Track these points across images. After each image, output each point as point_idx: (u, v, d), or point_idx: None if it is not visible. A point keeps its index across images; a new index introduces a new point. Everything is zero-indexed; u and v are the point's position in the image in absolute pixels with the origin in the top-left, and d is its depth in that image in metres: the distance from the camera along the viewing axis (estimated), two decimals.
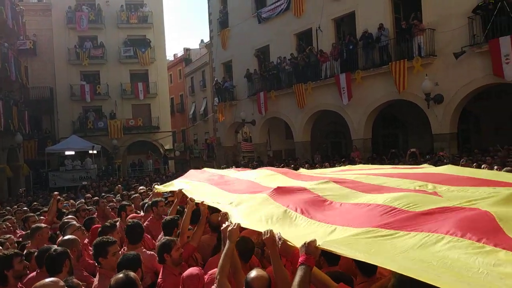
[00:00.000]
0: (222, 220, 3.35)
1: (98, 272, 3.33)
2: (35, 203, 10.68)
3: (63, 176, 21.67)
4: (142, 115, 28.64)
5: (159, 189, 6.51)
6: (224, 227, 3.07)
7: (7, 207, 10.39)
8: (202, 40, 36.29)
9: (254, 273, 2.45)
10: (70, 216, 5.81)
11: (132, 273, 2.62)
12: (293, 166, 12.70)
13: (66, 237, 4.04)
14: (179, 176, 8.00)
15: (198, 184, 5.43)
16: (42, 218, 6.59)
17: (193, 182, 5.68)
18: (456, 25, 12.38)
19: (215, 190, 4.75)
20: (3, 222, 6.52)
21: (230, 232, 2.79)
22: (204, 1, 26.91)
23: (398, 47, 14.13)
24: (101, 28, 28.03)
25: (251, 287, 2.39)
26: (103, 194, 10.79)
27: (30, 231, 4.95)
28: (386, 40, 14.32)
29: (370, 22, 14.81)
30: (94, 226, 5.12)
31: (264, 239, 2.61)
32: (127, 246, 4.08)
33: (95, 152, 22.54)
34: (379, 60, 14.61)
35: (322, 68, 16.59)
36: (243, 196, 3.91)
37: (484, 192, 2.66)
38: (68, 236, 4.03)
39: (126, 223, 4.38)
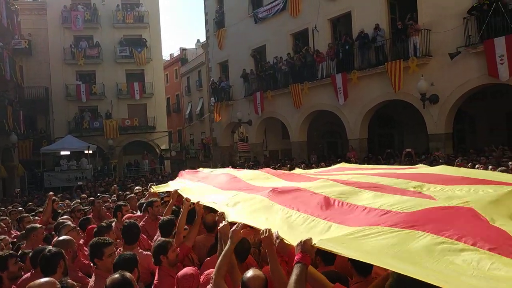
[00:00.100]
0: (219, 220, 3.34)
1: (94, 273, 3.32)
2: (30, 204, 10.61)
3: (59, 176, 21.57)
4: (138, 115, 28.54)
5: (155, 189, 6.50)
6: (221, 227, 3.07)
7: (2, 208, 10.31)
8: (199, 40, 36.28)
9: (250, 273, 2.45)
10: (65, 217, 5.79)
11: (128, 273, 2.61)
12: (289, 166, 12.71)
13: (61, 237, 4.02)
14: (175, 176, 7.97)
15: (193, 183, 5.42)
16: (37, 218, 6.56)
17: (188, 182, 5.68)
18: (451, 25, 12.44)
19: (211, 189, 4.74)
20: None
21: (232, 232, 2.79)
22: (200, 1, 26.89)
23: (394, 47, 14.18)
24: (96, 27, 27.90)
25: (248, 287, 2.39)
26: (99, 195, 10.75)
27: (25, 232, 4.93)
28: (382, 40, 14.38)
29: (366, 22, 14.85)
30: (90, 227, 5.11)
31: (262, 238, 2.61)
32: (123, 246, 4.07)
33: (90, 152, 22.45)
34: (375, 60, 14.66)
35: (318, 68, 16.62)
36: (240, 194, 3.90)
37: (478, 191, 2.68)
38: (63, 237, 4.01)
39: (123, 224, 4.36)
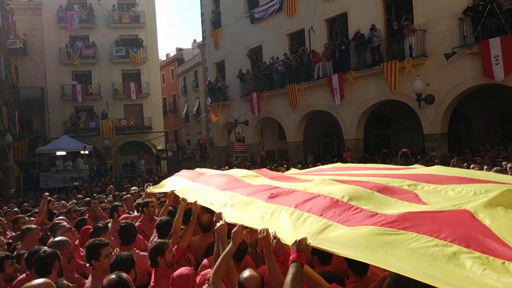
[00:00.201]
0: (217, 220, 3.34)
1: (91, 273, 3.31)
2: (25, 204, 10.54)
3: (54, 177, 21.47)
4: (134, 115, 28.47)
5: (151, 189, 6.49)
6: (218, 227, 3.07)
7: None
8: (195, 40, 36.22)
9: (247, 273, 2.46)
10: (61, 217, 5.76)
11: (125, 274, 2.61)
12: (286, 166, 12.72)
13: (57, 238, 4.01)
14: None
15: (190, 183, 5.41)
16: (32, 219, 6.52)
17: (184, 181, 5.67)
18: (447, 26, 12.50)
19: (208, 189, 4.74)
20: None
21: (234, 233, 2.79)
22: (196, 1, 26.86)
23: (390, 47, 14.24)
24: (92, 27, 27.80)
25: (244, 287, 2.40)
26: (95, 195, 10.71)
27: (21, 232, 4.90)
28: (378, 41, 14.43)
29: (362, 22, 14.90)
30: (84, 227, 5.08)
31: (259, 238, 2.62)
32: (120, 247, 4.05)
33: (86, 152, 22.34)
34: (371, 61, 14.71)
35: (315, 68, 16.65)
36: (237, 196, 3.89)
37: (471, 191, 2.71)
38: (59, 238, 3.99)
39: (119, 224, 4.35)
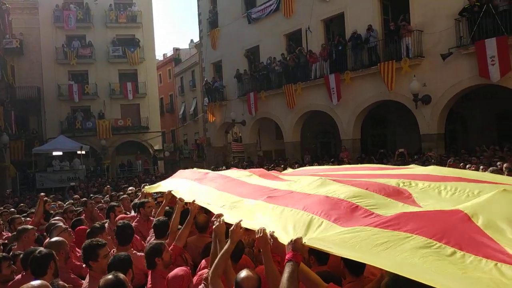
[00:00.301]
0: (215, 220, 3.33)
1: (88, 274, 3.29)
2: (21, 205, 10.50)
3: (51, 177, 21.40)
4: (131, 115, 28.40)
5: (148, 189, 6.48)
6: (216, 226, 3.06)
7: None
8: (192, 40, 36.23)
9: (244, 273, 2.47)
10: (57, 218, 5.74)
11: (122, 274, 2.60)
12: (283, 166, 12.73)
13: (54, 239, 3.99)
14: (169, 176, 7.95)
15: (187, 184, 5.40)
16: (28, 219, 6.49)
17: (182, 182, 5.66)
18: (443, 26, 12.55)
19: (205, 189, 4.74)
20: None
21: (232, 232, 2.79)
22: (193, 1, 26.83)
23: (387, 48, 14.27)
24: (89, 27, 27.72)
25: (241, 287, 2.40)
26: (92, 195, 10.68)
27: (16, 233, 4.88)
28: (375, 41, 14.46)
29: (359, 23, 14.93)
30: (78, 228, 5.07)
31: (256, 237, 2.62)
32: (117, 247, 4.05)
33: (83, 152, 22.29)
34: (368, 61, 14.73)
35: (312, 68, 16.67)
36: (235, 196, 3.90)
37: (465, 191, 2.74)
38: (56, 238, 3.98)
39: (116, 224, 4.34)
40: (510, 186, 2.51)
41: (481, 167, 8.13)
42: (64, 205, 8.43)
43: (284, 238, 2.44)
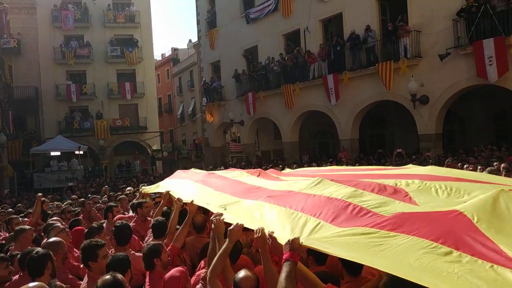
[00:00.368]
0: (213, 220, 3.33)
1: (87, 275, 3.27)
2: (19, 205, 10.47)
3: (49, 177, 21.33)
4: (129, 115, 28.37)
5: (146, 190, 6.47)
6: (216, 225, 3.06)
7: None
8: (190, 40, 36.18)
9: (242, 273, 2.47)
10: (55, 218, 5.73)
11: (120, 274, 2.60)
12: (281, 166, 12.73)
13: (52, 239, 3.98)
14: (167, 176, 7.94)
15: (185, 184, 5.40)
16: (26, 220, 6.48)
17: (180, 182, 5.65)
18: (441, 27, 12.58)
19: (203, 189, 4.74)
20: None
21: (230, 231, 2.79)
22: (192, 1, 26.82)
23: (385, 48, 14.30)
24: (87, 27, 27.69)
25: (239, 287, 2.40)
26: (90, 196, 10.67)
27: (14, 233, 4.86)
28: (373, 42, 14.48)
29: (357, 23, 14.95)
30: (75, 228, 5.05)
31: (255, 237, 2.63)
32: (115, 247, 4.04)
33: (81, 152, 22.24)
34: (366, 61, 14.75)
35: (310, 68, 16.68)
36: (233, 198, 3.90)
37: (461, 190, 2.75)
38: (54, 239, 3.97)
39: (114, 224, 4.33)
40: (507, 187, 2.52)
41: (479, 167, 8.15)
42: (62, 205, 8.41)
43: (282, 238, 2.44)
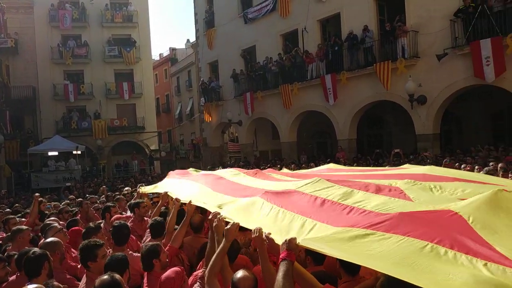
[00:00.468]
0: (213, 219, 3.33)
1: (85, 275, 3.26)
2: (16, 205, 10.44)
3: (46, 177, 21.29)
4: (127, 115, 28.31)
5: (144, 190, 6.46)
6: (216, 225, 3.06)
7: None
8: (188, 40, 36.05)
9: (240, 273, 2.47)
10: (52, 218, 5.72)
11: (117, 274, 2.59)
12: (279, 166, 12.72)
13: (49, 239, 3.97)
14: (165, 177, 7.94)
15: (183, 184, 5.39)
16: (23, 220, 6.46)
17: (177, 182, 5.65)
18: (439, 27, 12.61)
19: (201, 189, 4.74)
20: None
21: (227, 231, 2.79)
22: (190, 0, 26.77)
23: (382, 48, 14.33)
24: (85, 26, 27.60)
25: (238, 287, 2.41)
26: (87, 196, 10.65)
27: (11, 234, 4.85)
28: (371, 42, 14.51)
29: (355, 23, 14.97)
30: (72, 228, 5.04)
31: (253, 237, 2.63)
32: (113, 247, 4.03)
33: (79, 152, 22.20)
34: (364, 61, 14.78)
35: (308, 69, 16.69)
36: (230, 196, 3.90)
37: (458, 190, 2.77)
38: (51, 239, 3.96)
39: (112, 224, 4.32)
40: (501, 187, 2.55)
41: (476, 167, 8.18)
42: (60, 205, 8.40)
43: (279, 239, 2.45)
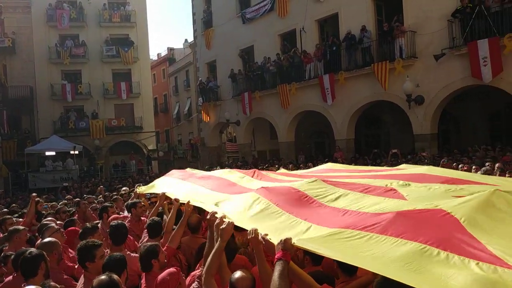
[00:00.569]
0: (212, 218, 3.32)
1: (83, 275, 3.25)
2: (13, 205, 10.40)
3: (44, 177, 21.24)
4: (125, 115, 28.26)
5: (141, 190, 6.45)
6: (217, 224, 3.05)
7: None
8: (186, 40, 36.15)
9: (238, 274, 2.47)
10: (49, 218, 5.70)
11: (115, 275, 2.59)
12: (277, 166, 12.74)
13: (46, 239, 3.96)
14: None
15: (181, 184, 5.39)
16: (20, 220, 6.44)
17: (175, 182, 5.64)
18: (436, 27, 12.64)
19: (199, 189, 4.73)
20: None
21: (222, 230, 2.79)
22: (188, 0, 26.75)
23: (380, 48, 14.34)
24: (82, 26, 27.55)
25: (235, 287, 2.40)
26: (85, 196, 10.62)
27: (8, 234, 4.83)
28: (369, 42, 14.52)
29: (352, 23, 14.99)
30: (69, 229, 5.02)
31: (249, 238, 2.63)
32: (110, 247, 4.02)
33: (76, 152, 22.14)
34: (362, 62, 14.79)
35: (306, 69, 16.69)
36: (227, 196, 3.91)
37: (453, 190, 2.80)
38: (49, 239, 3.95)
39: (110, 224, 4.32)
40: (496, 187, 2.56)
41: (473, 167, 8.20)
42: (57, 205, 8.37)
43: (275, 240, 2.45)
